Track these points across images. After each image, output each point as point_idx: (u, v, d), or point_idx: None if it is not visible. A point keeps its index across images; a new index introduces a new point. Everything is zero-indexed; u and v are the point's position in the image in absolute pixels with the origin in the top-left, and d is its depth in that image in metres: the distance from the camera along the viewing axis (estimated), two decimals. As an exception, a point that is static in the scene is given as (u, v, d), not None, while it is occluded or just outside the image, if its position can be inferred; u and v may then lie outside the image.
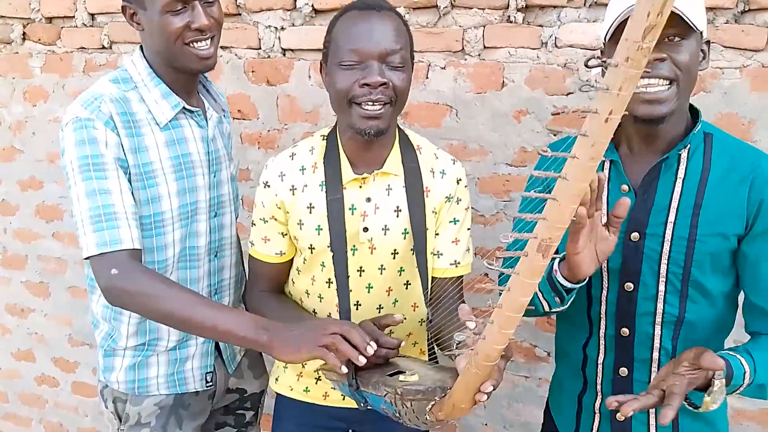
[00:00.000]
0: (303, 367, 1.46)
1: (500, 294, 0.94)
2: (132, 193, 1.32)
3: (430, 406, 1.10)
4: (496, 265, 0.94)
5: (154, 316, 1.25)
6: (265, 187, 1.38)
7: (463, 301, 1.39)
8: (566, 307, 1.25)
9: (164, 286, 1.23)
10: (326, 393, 1.46)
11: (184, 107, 1.41)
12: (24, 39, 2.33)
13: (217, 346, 1.56)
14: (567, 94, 1.76)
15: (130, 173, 1.32)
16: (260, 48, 2.03)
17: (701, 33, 1.15)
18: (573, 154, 0.77)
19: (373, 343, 1.14)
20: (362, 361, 1.12)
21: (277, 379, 1.54)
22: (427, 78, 1.88)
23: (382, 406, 1.18)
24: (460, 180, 1.38)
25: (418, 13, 1.84)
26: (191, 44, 1.33)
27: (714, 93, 1.66)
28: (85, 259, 1.27)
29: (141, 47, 1.41)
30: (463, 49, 1.82)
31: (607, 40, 1.20)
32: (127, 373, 1.47)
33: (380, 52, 1.21)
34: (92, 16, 2.20)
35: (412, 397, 1.10)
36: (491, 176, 1.87)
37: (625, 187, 1.24)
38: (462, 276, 1.42)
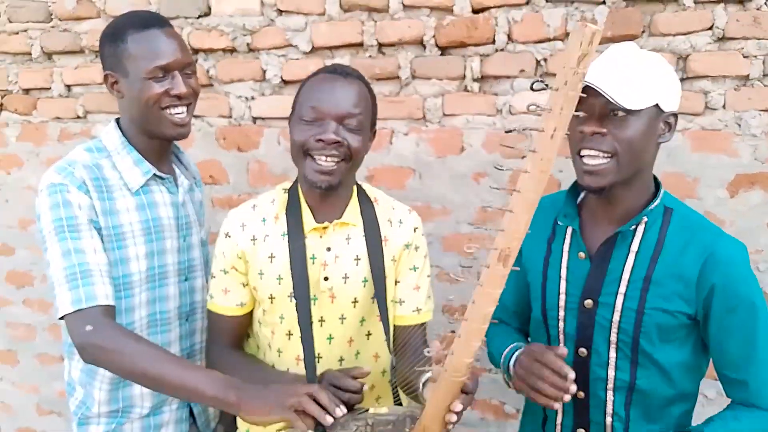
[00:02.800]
0: (264, 428, 1.44)
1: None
2: (105, 252, 1.35)
3: None
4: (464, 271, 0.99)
5: (126, 373, 1.25)
6: (225, 237, 1.39)
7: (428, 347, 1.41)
8: None
9: (137, 343, 1.24)
10: None
11: (155, 174, 1.45)
12: (1, 109, 2.39)
13: (191, 413, 1.55)
14: (522, 157, 1.85)
15: (101, 235, 1.36)
16: (231, 116, 2.11)
17: (657, 106, 1.16)
18: (525, 169, 0.86)
19: (342, 406, 1.15)
20: (329, 421, 1.12)
21: None
22: (391, 143, 1.97)
23: None
24: (417, 228, 1.43)
25: (382, 83, 1.95)
26: (168, 109, 1.39)
27: (660, 154, 1.76)
28: (60, 318, 1.28)
29: (117, 119, 1.48)
30: (424, 116, 1.93)
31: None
32: None
33: (338, 113, 1.27)
34: (68, 87, 2.28)
35: (383, 427, 1.12)
36: (454, 235, 1.95)
37: (582, 254, 1.27)
38: (425, 323, 1.44)
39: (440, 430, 1.09)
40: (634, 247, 1.23)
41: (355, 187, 1.41)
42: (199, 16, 2.04)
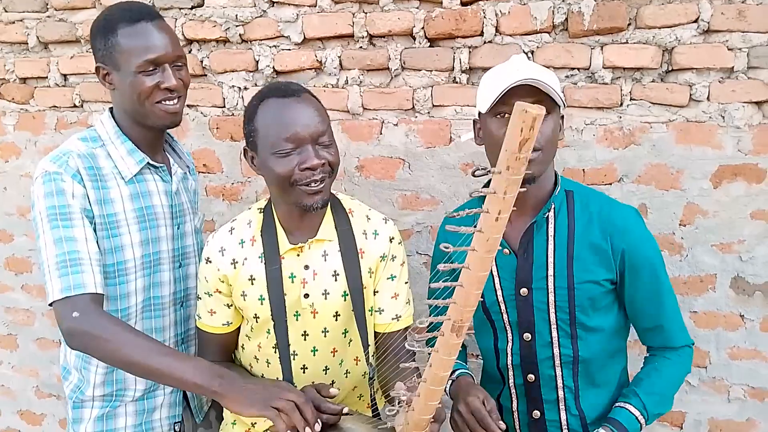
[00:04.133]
0: (253, 426, 1.48)
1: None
2: (97, 241, 1.38)
3: None
4: (418, 342, 1.05)
5: (112, 360, 1.29)
6: (207, 262, 1.42)
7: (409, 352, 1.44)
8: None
9: (123, 331, 1.28)
10: None
11: (148, 162, 1.49)
12: (-2, 98, 2.42)
13: (185, 396, 1.59)
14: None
15: (95, 223, 1.39)
16: (224, 106, 2.14)
17: (560, 108, 1.31)
18: (472, 248, 0.89)
19: (319, 423, 1.19)
20: None
21: None
22: (381, 134, 1.99)
23: None
24: (393, 238, 1.44)
25: (372, 74, 1.97)
26: (160, 102, 1.42)
27: (643, 145, 1.79)
28: (50, 304, 1.32)
29: (111, 109, 1.51)
30: (413, 107, 1.95)
31: (483, 111, 1.32)
32: (95, 424, 1.50)
33: (312, 136, 1.29)
34: (65, 76, 2.31)
35: None
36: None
37: (506, 250, 1.38)
38: (406, 328, 1.46)
39: None
40: (551, 231, 1.35)
41: (329, 200, 1.43)
42: (193, 7, 2.06)
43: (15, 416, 2.68)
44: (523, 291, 1.36)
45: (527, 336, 1.37)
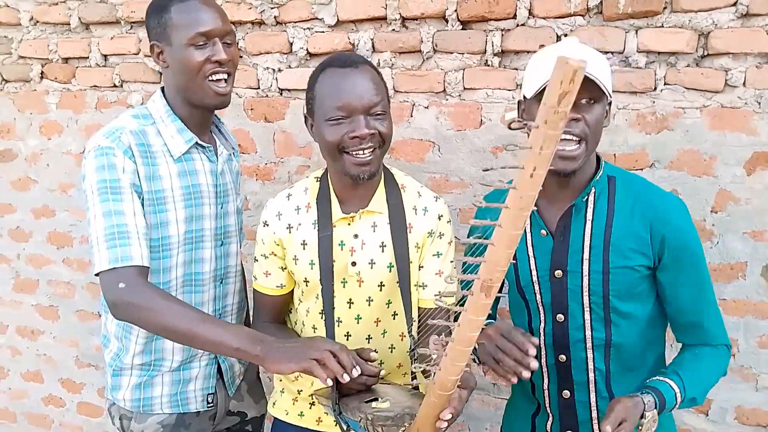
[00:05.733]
0: (299, 393, 1.53)
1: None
2: (144, 216, 1.43)
3: None
4: (446, 298, 1.03)
5: (157, 328, 1.34)
6: (264, 225, 1.48)
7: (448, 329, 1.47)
8: None
9: (166, 300, 1.33)
10: (320, 418, 1.53)
11: (196, 142, 1.53)
12: (42, 78, 2.50)
13: (219, 369, 1.64)
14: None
15: (143, 198, 1.44)
16: (259, 88, 2.18)
17: (607, 96, 1.27)
18: (506, 205, 0.87)
19: (358, 367, 1.21)
20: (346, 379, 1.19)
21: (274, 404, 1.61)
22: (411, 116, 2.01)
23: (360, 430, 1.25)
24: (442, 216, 1.47)
25: (404, 57, 1.99)
26: (210, 77, 1.45)
27: (676, 131, 1.78)
28: (96, 274, 1.37)
29: (162, 88, 1.55)
30: (444, 90, 1.96)
31: (528, 96, 1.31)
32: (132, 391, 1.56)
33: (364, 106, 1.31)
34: (105, 57, 2.37)
35: (381, 423, 1.19)
36: (471, 207, 1.99)
37: (543, 231, 1.38)
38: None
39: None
40: (589, 215, 1.34)
41: (383, 173, 1.46)
42: (229, -11, 2.10)
43: (57, 384, 2.79)
44: (558, 273, 1.36)
45: (560, 317, 1.37)
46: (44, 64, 2.48)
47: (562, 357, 1.39)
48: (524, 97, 1.36)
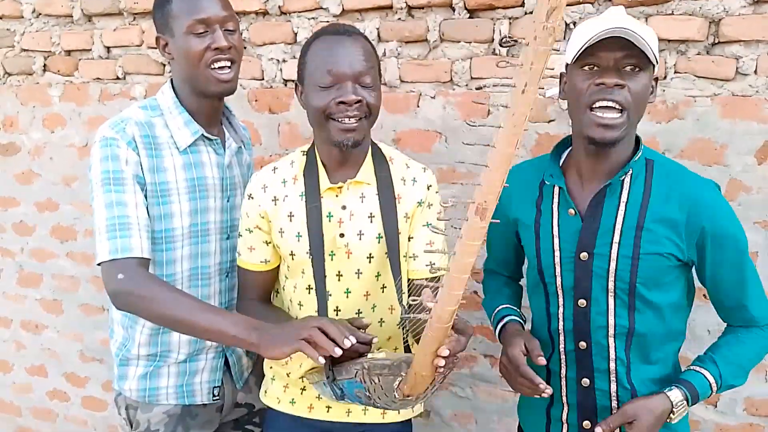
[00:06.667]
0: (288, 376, 1.52)
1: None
2: (147, 208, 1.43)
3: (397, 383, 1.16)
4: (441, 221, 1.03)
5: (157, 318, 1.35)
6: (249, 198, 1.47)
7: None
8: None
9: (166, 290, 1.33)
10: (311, 405, 1.52)
11: (203, 134, 1.52)
12: (45, 70, 2.48)
13: (226, 362, 1.64)
14: (549, 122, 1.87)
15: (146, 190, 1.44)
16: (263, 79, 2.16)
17: (654, 67, 1.24)
18: (498, 124, 0.88)
19: (351, 337, 1.21)
20: (338, 352, 1.18)
21: (266, 392, 1.60)
22: (418, 106, 1.99)
23: (355, 390, 1.24)
24: (431, 186, 1.47)
25: (410, 46, 1.97)
26: (213, 65, 1.45)
27: (687, 120, 1.76)
28: (98, 264, 1.37)
29: (171, 80, 1.55)
30: (451, 79, 1.94)
31: (569, 62, 1.27)
32: (139, 381, 1.56)
33: (353, 73, 1.32)
34: (108, 49, 2.35)
35: (378, 371, 1.18)
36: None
37: (571, 211, 1.34)
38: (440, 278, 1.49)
39: (431, 374, 1.15)
40: (624, 197, 1.30)
41: (370, 147, 1.46)
42: (233, -21, 2.08)
43: (61, 378, 2.79)
44: (584, 255, 1.32)
45: (582, 302, 1.34)
46: (47, 56, 2.47)
47: (582, 344, 1.36)
48: (566, 66, 1.32)
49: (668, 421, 1.28)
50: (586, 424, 1.38)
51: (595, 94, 1.21)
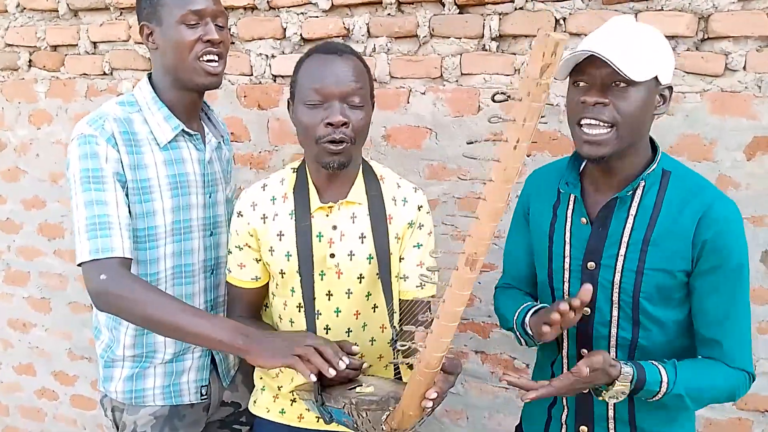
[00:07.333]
0: (279, 389, 1.51)
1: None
2: (128, 206, 1.40)
3: (385, 417, 1.16)
4: (430, 271, 1.03)
5: (139, 320, 1.32)
6: (238, 216, 1.46)
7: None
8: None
9: (148, 291, 1.31)
10: (301, 415, 1.51)
11: (183, 130, 1.50)
12: (30, 66, 2.45)
13: (212, 360, 1.62)
14: (541, 117, 1.86)
15: (127, 188, 1.41)
16: (252, 74, 2.14)
17: (656, 79, 1.19)
18: (489, 178, 0.87)
19: (345, 358, 1.20)
20: (332, 373, 1.18)
21: (255, 402, 1.58)
22: (408, 102, 1.98)
23: (343, 418, 1.24)
24: (422, 207, 1.45)
25: (400, 42, 1.96)
26: (202, 57, 1.43)
27: (677, 116, 1.76)
28: (78, 265, 1.35)
29: (149, 74, 1.52)
30: (441, 75, 1.93)
31: (558, 79, 1.21)
32: (125, 383, 1.54)
33: (341, 93, 1.31)
34: (94, 44, 2.33)
35: (366, 407, 1.17)
36: (469, 194, 1.97)
37: (583, 219, 1.32)
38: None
39: (418, 414, 1.15)
40: (633, 210, 1.27)
41: (361, 165, 1.45)
42: (221, -26, 2.06)
43: (49, 377, 2.77)
44: (591, 265, 1.30)
45: (586, 311, 1.31)
46: (32, 52, 2.44)
47: (584, 351, 1.34)
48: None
49: (600, 397, 1.24)
50: (583, 429, 1.38)
51: (581, 111, 1.20)
